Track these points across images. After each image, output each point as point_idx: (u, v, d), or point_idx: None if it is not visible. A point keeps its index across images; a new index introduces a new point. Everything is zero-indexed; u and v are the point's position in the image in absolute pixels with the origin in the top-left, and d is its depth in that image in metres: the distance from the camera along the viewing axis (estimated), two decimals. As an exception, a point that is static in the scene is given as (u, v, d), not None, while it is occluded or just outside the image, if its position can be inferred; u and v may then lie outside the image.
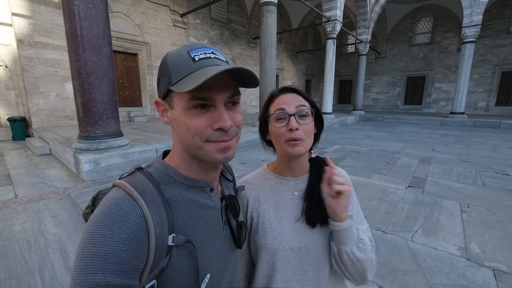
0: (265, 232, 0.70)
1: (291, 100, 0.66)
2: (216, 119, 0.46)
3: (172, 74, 0.45)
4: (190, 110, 0.45)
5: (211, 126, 0.46)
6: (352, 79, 19.56)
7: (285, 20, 15.84)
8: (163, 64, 0.47)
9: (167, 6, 9.53)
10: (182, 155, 0.51)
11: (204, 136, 0.46)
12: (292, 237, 0.69)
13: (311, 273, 0.69)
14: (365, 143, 6.88)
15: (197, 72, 0.43)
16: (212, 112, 0.46)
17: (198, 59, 0.45)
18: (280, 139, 0.66)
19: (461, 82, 11.19)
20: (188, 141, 0.47)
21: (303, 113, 0.65)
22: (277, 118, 0.66)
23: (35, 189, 3.28)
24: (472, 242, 2.14)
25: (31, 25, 6.47)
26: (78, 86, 3.57)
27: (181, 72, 0.44)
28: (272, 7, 7.19)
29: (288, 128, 0.64)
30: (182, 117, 0.46)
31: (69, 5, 3.36)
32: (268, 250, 0.69)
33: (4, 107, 6.90)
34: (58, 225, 2.38)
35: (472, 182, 3.66)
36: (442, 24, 15.63)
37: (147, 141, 4.78)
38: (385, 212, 2.70)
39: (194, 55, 0.45)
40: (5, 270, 1.76)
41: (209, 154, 0.47)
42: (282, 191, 0.74)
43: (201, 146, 0.47)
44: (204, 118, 0.45)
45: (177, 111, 0.46)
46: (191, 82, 0.41)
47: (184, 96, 0.44)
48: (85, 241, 0.37)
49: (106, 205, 0.41)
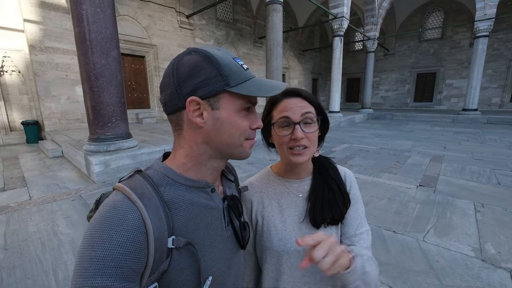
0: (270, 234, 0.69)
1: (296, 106, 0.64)
2: (254, 120, 0.53)
3: (229, 76, 0.47)
4: (241, 111, 0.50)
5: (250, 126, 0.52)
6: (360, 77, 19.29)
7: (291, 18, 15.75)
8: (206, 64, 0.45)
9: (173, 8, 9.62)
10: (200, 156, 0.51)
11: (246, 134, 0.51)
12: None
13: (319, 276, 0.68)
14: (374, 142, 6.78)
15: (254, 80, 0.50)
16: (251, 115, 0.52)
17: (246, 69, 0.51)
18: (283, 146, 0.65)
19: (474, 77, 10.88)
20: (233, 139, 0.50)
21: (309, 121, 0.64)
22: (281, 126, 0.65)
23: (48, 190, 3.37)
24: (487, 243, 2.07)
25: (42, 30, 6.64)
26: (87, 89, 3.64)
27: (238, 78, 0.48)
28: (278, 6, 7.16)
29: (292, 137, 0.63)
30: (233, 118, 0.49)
31: (77, 10, 3.43)
32: (274, 252, 0.68)
33: (18, 111, 7.12)
34: (70, 226, 2.43)
35: (487, 181, 3.55)
36: (453, 18, 15.22)
37: (156, 143, 4.83)
38: (396, 211, 2.65)
39: (241, 64, 0.51)
40: (21, 270, 1.82)
41: (245, 150, 0.53)
42: (286, 193, 0.73)
43: (242, 144, 0.52)
44: (247, 119, 0.51)
45: (226, 112, 0.48)
46: (260, 90, 0.48)
47: (240, 99, 0.49)
48: (84, 245, 0.37)
49: (105, 209, 0.41)
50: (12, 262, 1.90)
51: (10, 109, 7.00)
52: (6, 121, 6.94)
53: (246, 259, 0.77)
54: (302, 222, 0.69)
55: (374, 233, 2.25)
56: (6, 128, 6.97)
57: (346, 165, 4.45)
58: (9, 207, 2.86)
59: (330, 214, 0.67)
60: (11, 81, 6.89)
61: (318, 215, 0.67)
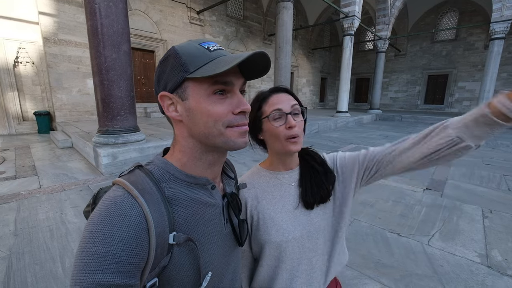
0: (267, 227, 0.72)
1: (286, 99, 0.70)
2: (237, 104, 0.48)
3: (188, 64, 0.45)
4: (210, 96, 0.46)
5: (231, 111, 0.47)
6: (370, 77, 19.01)
7: (302, 16, 15.60)
8: (171, 58, 0.46)
9: (184, 4, 9.65)
10: (191, 150, 0.50)
11: (226, 121, 0.47)
12: (293, 227, 0.72)
13: (315, 260, 0.74)
14: (382, 143, 6.62)
15: (218, 59, 0.45)
16: (230, 98, 0.48)
17: (214, 50, 0.47)
18: (280, 137, 0.69)
19: (488, 81, 10.61)
20: (209, 129, 0.47)
21: (296, 112, 0.70)
22: (275, 118, 0.69)
23: (57, 180, 3.46)
24: (494, 249, 2.04)
25: (56, 23, 6.76)
26: (98, 82, 3.70)
27: (199, 61, 0.45)
28: (289, 4, 7.11)
29: (287, 126, 0.68)
30: (203, 105, 0.46)
31: (91, 3, 3.48)
32: (273, 244, 0.71)
33: (31, 101, 7.29)
34: (78, 215, 2.49)
35: (496, 187, 3.47)
36: (468, 19, 14.83)
37: (162, 137, 4.89)
38: (401, 214, 2.62)
39: (207, 46, 0.47)
40: (29, 256, 1.88)
41: (230, 140, 0.48)
42: (279, 184, 0.76)
43: (223, 132, 0.47)
44: (225, 104, 0.47)
45: (194, 100, 0.46)
46: (218, 67, 0.43)
47: (204, 83, 0.45)
48: (85, 240, 0.37)
49: (106, 204, 0.40)
50: (21, 248, 1.96)
51: (24, 99, 7.18)
52: (19, 111, 7.13)
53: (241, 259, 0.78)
54: (296, 208, 0.73)
55: (378, 235, 2.24)
56: (19, 117, 7.17)
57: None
58: (20, 194, 2.95)
59: (319, 194, 0.72)
60: (25, 72, 7.06)
61: (310, 198, 0.72)
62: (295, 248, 0.71)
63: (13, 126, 7.11)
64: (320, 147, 5.85)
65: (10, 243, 2.02)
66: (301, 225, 0.72)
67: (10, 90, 6.88)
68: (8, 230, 2.21)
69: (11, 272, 1.70)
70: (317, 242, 0.73)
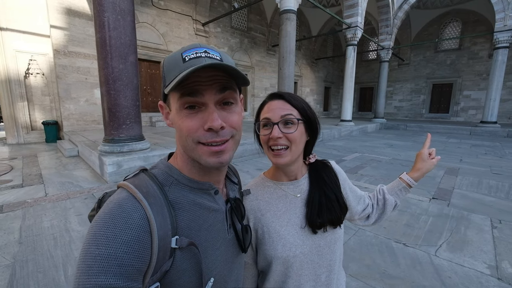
0: (273, 242, 0.69)
1: (277, 108, 0.66)
2: (206, 119, 0.45)
3: (166, 76, 0.46)
4: (181, 110, 0.45)
5: (202, 126, 0.45)
6: (373, 86, 19.05)
7: (305, 27, 15.86)
8: (161, 68, 0.49)
9: (190, 16, 9.92)
10: (183, 156, 0.51)
11: (196, 137, 0.45)
12: (301, 241, 0.68)
13: (324, 276, 0.70)
14: (386, 152, 6.64)
15: (183, 73, 0.42)
16: (203, 112, 0.45)
17: (188, 59, 0.44)
18: (265, 146, 0.69)
19: (493, 89, 10.53)
20: (184, 142, 0.47)
21: (289, 121, 0.66)
22: (263, 125, 0.69)
23: (63, 188, 3.49)
24: (504, 261, 1.97)
25: (66, 36, 7.00)
26: (105, 92, 3.79)
27: (172, 74, 0.44)
28: (292, 15, 7.25)
29: (269, 136, 0.66)
30: (176, 118, 0.46)
31: (100, 17, 3.61)
32: (280, 259, 0.68)
33: (39, 111, 7.47)
34: (82, 223, 2.50)
35: (505, 196, 3.39)
36: (471, 29, 14.89)
37: (167, 145, 4.93)
38: (406, 224, 2.57)
39: (185, 55, 0.44)
40: (33, 263, 1.88)
41: (202, 157, 0.46)
42: (284, 196, 0.73)
43: (194, 148, 0.46)
44: (196, 118, 0.45)
45: (173, 112, 0.47)
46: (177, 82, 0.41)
47: (175, 96, 0.45)
48: (88, 243, 0.37)
49: (110, 207, 0.40)
50: (25, 255, 1.97)
51: (33, 109, 7.36)
52: (28, 121, 7.30)
53: (244, 271, 0.75)
54: (304, 227, 0.70)
55: (383, 245, 2.19)
56: (28, 127, 7.32)
57: (357, 175, 4.38)
58: (25, 202, 2.98)
59: (329, 217, 0.69)
60: (35, 83, 7.27)
61: (317, 219, 0.68)
62: (303, 264, 0.68)
63: (21, 135, 7.26)
64: (325, 156, 5.82)
65: (14, 251, 2.03)
66: (310, 240, 0.69)
67: (20, 100, 7.07)
68: (13, 238, 2.23)
69: (14, 280, 1.70)
70: (326, 258, 0.70)
